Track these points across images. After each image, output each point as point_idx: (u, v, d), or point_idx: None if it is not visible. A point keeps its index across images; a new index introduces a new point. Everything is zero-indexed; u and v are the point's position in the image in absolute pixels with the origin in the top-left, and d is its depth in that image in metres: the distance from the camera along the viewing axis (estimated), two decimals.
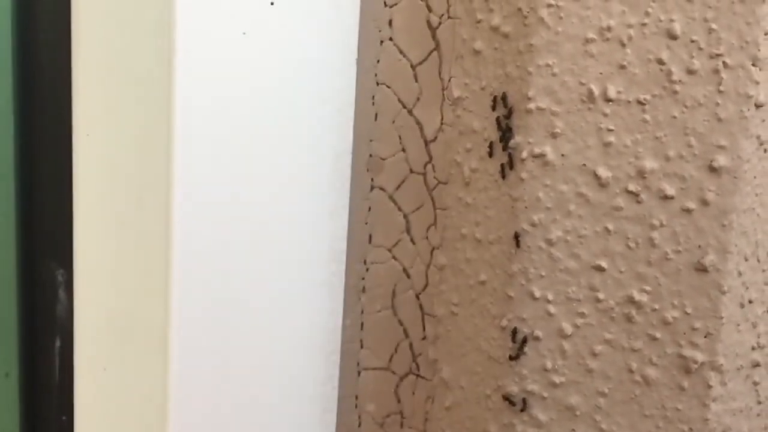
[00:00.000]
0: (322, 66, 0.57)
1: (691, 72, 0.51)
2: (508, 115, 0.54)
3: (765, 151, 0.52)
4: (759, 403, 0.56)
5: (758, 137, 0.51)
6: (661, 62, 0.51)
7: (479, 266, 0.57)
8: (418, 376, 0.63)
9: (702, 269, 0.52)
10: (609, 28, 0.51)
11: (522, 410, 0.55)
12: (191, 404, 0.56)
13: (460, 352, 0.59)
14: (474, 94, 0.56)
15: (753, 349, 0.54)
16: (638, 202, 0.52)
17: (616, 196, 0.53)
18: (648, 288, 0.53)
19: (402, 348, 0.63)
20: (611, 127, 0.52)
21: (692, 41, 0.50)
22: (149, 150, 0.54)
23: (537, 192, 0.53)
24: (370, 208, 0.62)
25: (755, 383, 0.55)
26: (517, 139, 0.54)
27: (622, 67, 0.51)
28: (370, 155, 0.61)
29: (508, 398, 0.56)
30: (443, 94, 0.59)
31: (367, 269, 0.62)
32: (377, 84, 0.60)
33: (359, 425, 0.64)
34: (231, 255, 0.56)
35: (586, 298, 0.54)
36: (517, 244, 0.54)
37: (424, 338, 0.62)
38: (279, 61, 0.55)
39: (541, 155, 0.53)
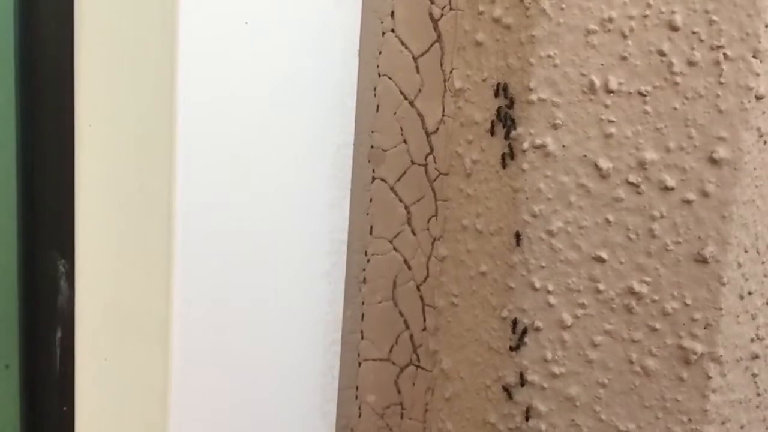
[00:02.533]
0: (324, 57, 0.58)
1: (691, 64, 0.51)
2: (510, 105, 0.54)
3: (765, 142, 0.52)
4: (758, 394, 0.56)
5: (758, 129, 0.51)
6: (662, 54, 0.51)
7: (480, 257, 0.57)
8: (418, 367, 0.63)
9: (702, 260, 0.52)
10: (610, 20, 0.51)
11: (522, 385, 0.55)
12: (192, 395, 0.56)
13: (460, 343, 0.59)
14: (476, 85, 0.56)
15: (752, 340, 0.55)
16: (639, 193, 0.52)
17: (617, 187, 0.53)
18: (648, 279, 0.53)
19: (402, 339, 0.63)
20: (612, 119, 0.52)
21: (693, 33, 0.50)
22: (151, 140, 0.54)
23: (538, 183, 0.54)
24: (371, 200, 0.62)
25: (754, 375, 0.55)
26: (518, 130, 0.54)
27: (624, 58, 0.51)
28: (372, 146, 0.61)
29: (506, 389, 0.56)
30: (445, 86, 0.59)
31: (368, 260, 0.63)
32: (379, 75, 0.60)
33: (359, 416, 0.64)
34: (232, 246, 0.56)
35: (586, 289, 0.54)
36: (518, 243, 0.54)
37: (424, 329, 0.62)
38: (281, 52, 0.55)
39: (543, 146, 0.53)
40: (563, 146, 0.53)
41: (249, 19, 0.53)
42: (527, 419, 0.56)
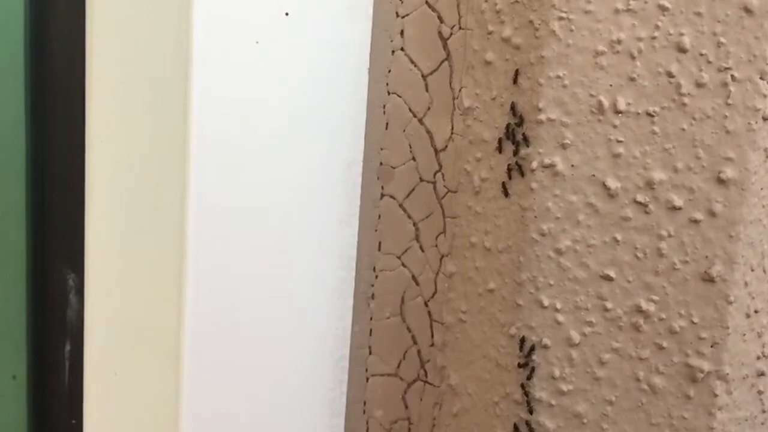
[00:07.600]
0: (335, 75, 0.58)
1: (699, 85, 0.51)
2: (520, 123, 0.54)
3: None
4: (764, 411, 0.56)
5: (765, 149, 0.52)
6: (670, 75, 0.51)
7: (488, 274, 0.57)
8: (425, 382, 0.63)
9: (709, 279, 0.53)
10: (619, 41, 0.52)
11: (530, 412, 0.56)
12: (202, 409, 0.56)
13: (467, 359, 0.59)
14: (484, 104, 0.57)
15: (758, 358, 0.55)
16: (646, 212, 0.53)
17: (625, 207, 0.53)
18: (655, 297, 0.53)
19: (410, 354, 0.63)
20: (620, 139, 0.53)
21: (701, 55, 0.51)
22: (163, 156, 0.54)
23: (546, 202, 0.54)
24: (380, 216, 0.62)
25: (760, 392, 0.56)
26: (527, 149, 0.54)
27: (632, 79, 0.52)
28: (381, 163, 0.62)
29: (517, 428, 0.56)
30: (454, 104, 0.59)
31: (377, 276, 0.63)
32: (388, 93, 0.61)
33: (367, 431, 0.65)
34: (243, 261, 0.56)
35: (594, 307, 0.54)
36: (505, 194, 0.55)
37: (432, 345, 0.62)
38: (292, 71, 0.56)
39: (551, 166, 0.54)
40: (572, 166, 0.53)
41: (260, 38, 0.54)
42: None
